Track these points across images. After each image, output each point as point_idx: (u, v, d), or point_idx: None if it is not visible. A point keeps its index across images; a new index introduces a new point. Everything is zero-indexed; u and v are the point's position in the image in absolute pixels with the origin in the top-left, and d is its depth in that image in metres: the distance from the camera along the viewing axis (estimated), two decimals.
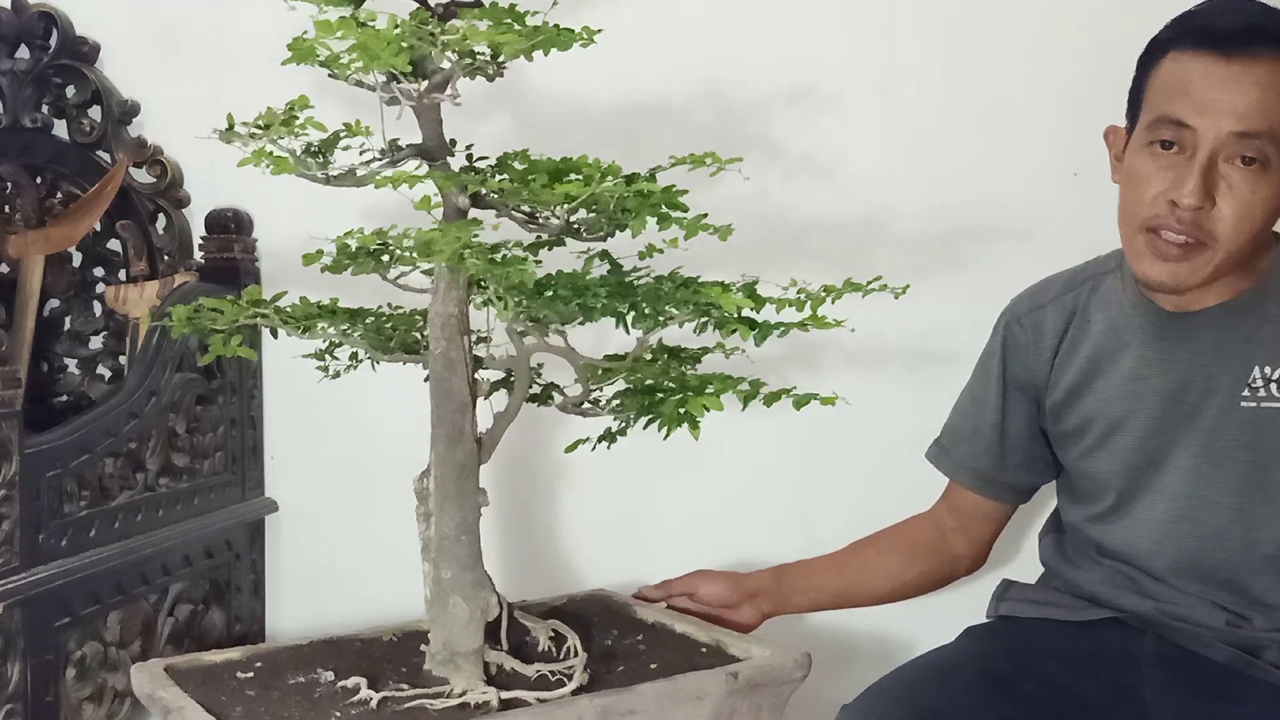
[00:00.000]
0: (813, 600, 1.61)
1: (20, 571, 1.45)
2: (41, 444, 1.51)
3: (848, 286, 1.30)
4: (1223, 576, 1.36)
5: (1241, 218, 1.26)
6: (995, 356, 1.52)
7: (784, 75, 1.84)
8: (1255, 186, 1.26)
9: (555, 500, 1.95)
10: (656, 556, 1.90)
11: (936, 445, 1.59)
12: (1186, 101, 1.27)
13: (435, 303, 1.27)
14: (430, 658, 1.31)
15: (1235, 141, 1.25)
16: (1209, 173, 1.26)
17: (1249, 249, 1.30)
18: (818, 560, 1.62)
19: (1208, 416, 1.36)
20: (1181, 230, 1.27)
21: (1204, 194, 1.26)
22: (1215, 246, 1.27)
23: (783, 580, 1.60)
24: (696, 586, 1.57)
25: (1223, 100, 1.25)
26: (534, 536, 1.95)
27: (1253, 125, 1.24)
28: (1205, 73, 1.26)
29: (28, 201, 1.95)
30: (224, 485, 1.90)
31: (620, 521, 1.94)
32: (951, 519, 1.59)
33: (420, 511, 1.30)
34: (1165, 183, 1.28)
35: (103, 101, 1.97)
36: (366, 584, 1.91)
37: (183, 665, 1.33)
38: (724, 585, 1.57)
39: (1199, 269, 1.29)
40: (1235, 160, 1.26)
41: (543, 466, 1.91)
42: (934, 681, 1.36)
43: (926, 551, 1.58)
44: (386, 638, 1.44)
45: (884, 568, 1.59)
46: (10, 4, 1.98)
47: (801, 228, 1.86)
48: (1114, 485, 1.42)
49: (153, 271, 1.97)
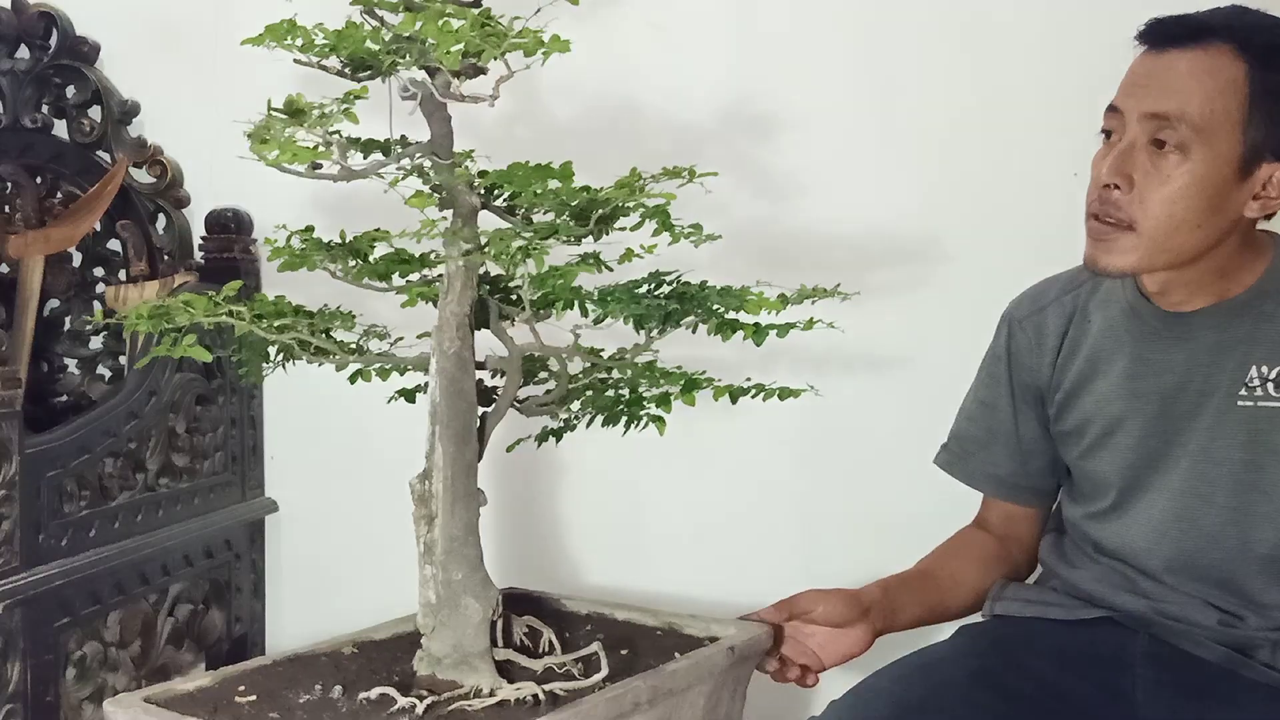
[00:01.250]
0: (914, 616, 1.53)
1: (20, 571, 1.46)
2: (41, 444, 1.51)
3: (802, 294, 1.33)
4: (1218, 576, 1.37)
5: (1159, 202, 1.28)
6: (1001, 361, 1.52)
7: (784, 75, 1.84)
8: (1172, 173, 1.27)
9: (554, 499, 1.95)
10: (652, 557, 1.91)
11: (947, 451, 1.58)
12: (1121, 89, 1.31)
13: (449, 302, 1.27)
14: (433, 661, 1.29)
15: (1148, 122, 1.28)
16: (1126, 154, 1.29)
17: (1184, 243, 1.30)
18: (911, 574, 1.56)
19: (1205, 416, 1.36)
20: (1105, 211, 1.30)
21: (1116, 172, 1.28)
22: (1138, 230, 1.29)
23: (890, 595, 1.52)
24: (815, 606, 1.47)
25: (1143, 84, 1.29)
26: (532, 535, 1.95)
27: (1162, 106, 1.27)
28: (1139, 62, 1.31)
29: (28, 201, 1.95)
30: (224, 485, 1.90)
31: (616, 522, 1.94)
32: (998, 527, 1.58)
33: (420, 514, 1.29)
34: (1100, 168, 1.31)
35: (103, 101, 1.97)
36: (366, 584, 1.90)
37: (160, 697, 1.24)
38: (842, 604, 1.47)
39: (1124, 253, 1.30)
40: (1150, 143, 1.28)
41: (539, 465, 1.92)
42: (922, 677, 1.36)
43: (996, 560, 1.56)
44: (348, 650, 1.41)
45: (971, 579, 1.54)
46: (10, 4, 1.98)
47: (801, 227, 1.86)
48: (1113, 484, 1.42)
49: (153, 271, 1.97)
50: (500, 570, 1.47)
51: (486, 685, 1.26)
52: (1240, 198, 1.29)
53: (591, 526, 1.96)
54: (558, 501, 1.95)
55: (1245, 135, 1.27)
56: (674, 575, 1.88)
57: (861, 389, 1.85)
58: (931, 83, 1.82)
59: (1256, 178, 1.28)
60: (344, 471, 1.97)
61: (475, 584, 1.28)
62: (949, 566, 1.56)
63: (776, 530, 1.87)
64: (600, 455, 1.91)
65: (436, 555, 1.28)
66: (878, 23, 1.84)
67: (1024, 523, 1.57)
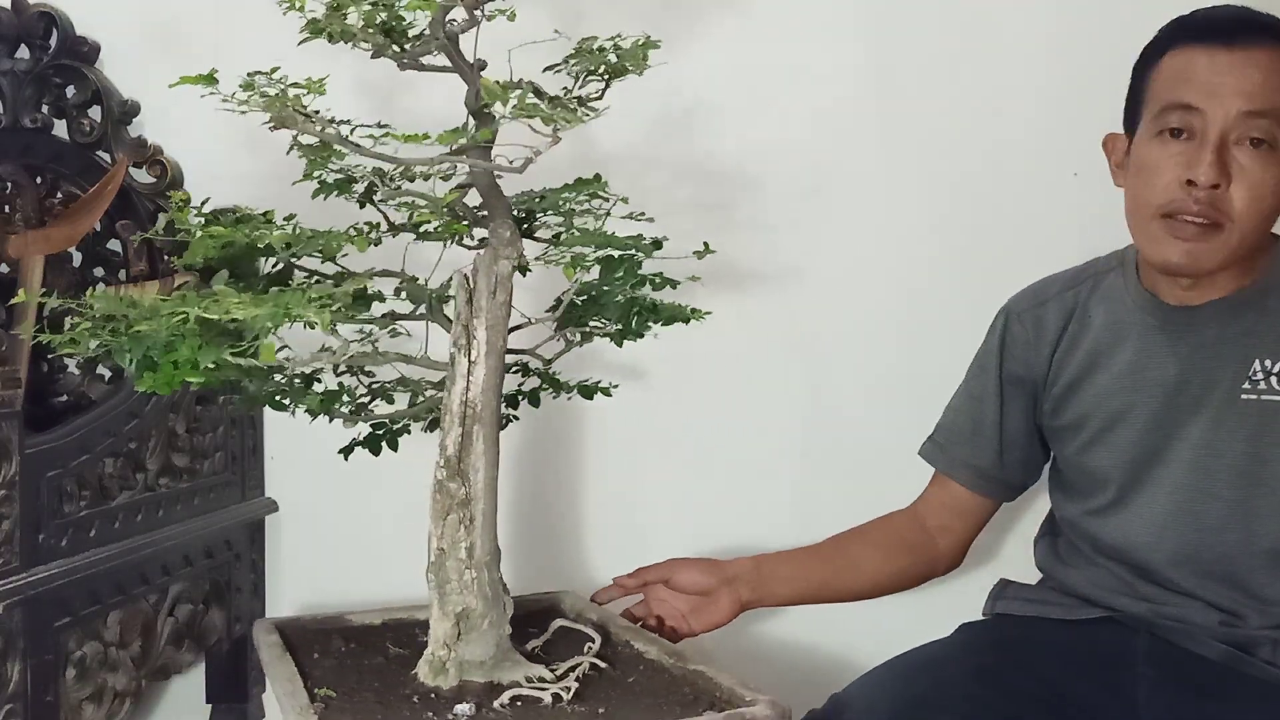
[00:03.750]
0: (794, 590, 1.57)
1: (20, 571, 1.45)
2: (41, 444, 1.51)
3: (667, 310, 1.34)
4: (1221, 570, 1.37)
5: (1255, 198, 1.29)
6: (993, 354, 1.53)
7: (784, 75, 1.84)
8: (1265, 166, 1.29)
9: (553, 499, 1.95)
10: (651, 553, 1.90)
11: (931, 442, 1.59)
12: (1193, 87, 1.30)
13: (493, 305, 1.26)
14: (472, 667, 1.27)
15: (1244, 121, 1.28)
16: (1222, 153, 1.29)
17: (1262, 232, 1.33)
18: (800, 550, 1.60)
19: (1208, 409, 1.36)
20: (1199, 211, 1.30)
21: (1220, 172, 1.28)
22: (1231, 227, 1.30)
23: (762, 568, 1.56)
24: (673, 573, 1.54)
25: (1229, 82, 1.29)
26: (530, 533, 1.95)
27: (1259, 104, 1.28)
28: (1209, 59, 1.30)
29: (28, 201, 1.95)
30: (224, 485, 1.89)
31: (616, 523, 1.94)
32: (936, 517, 1.58)
33: (464, 517, 1.27)
34: (1179, 167, 1.31)
35: (103, 101, 1.97)
36: (366, 584, 1.90)
37: None
38: (701, 572, 1.54)
39: (1217, 250, 1.31)
40: (1245, 142, 1.29)
41: (537, 464, 1.91)
42: (924, 672, 1.36)
43: (908, 547, 1.58)
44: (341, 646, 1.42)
45: (868, 561, 1.57)
46: (10, 4, 1.98)
47: (801, 226, 1.86)
48: (1114, 479, 1.42)
49: (153, 271, 1.96)
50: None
51: (535, 675, 1.27)
52: None
53: (591, 527, 1.96)
54: (557, 502, 1.95)
55: None
56: None
57: (862, 389, 1.85)
58: (932, 83, 1.82)
59: None
60: (344, 471, 1.97)
61: (502, 582, 1.29)
62: (852, 549, 1.57)
63: (775, 526, 1.87)
64: (600, 455, 1.92)
65: (477, 558, 1.26)
66: (878, 23, 1.84)
67: (968, 516, 1.58)
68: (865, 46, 1.84)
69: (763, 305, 1.84)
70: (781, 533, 1.87)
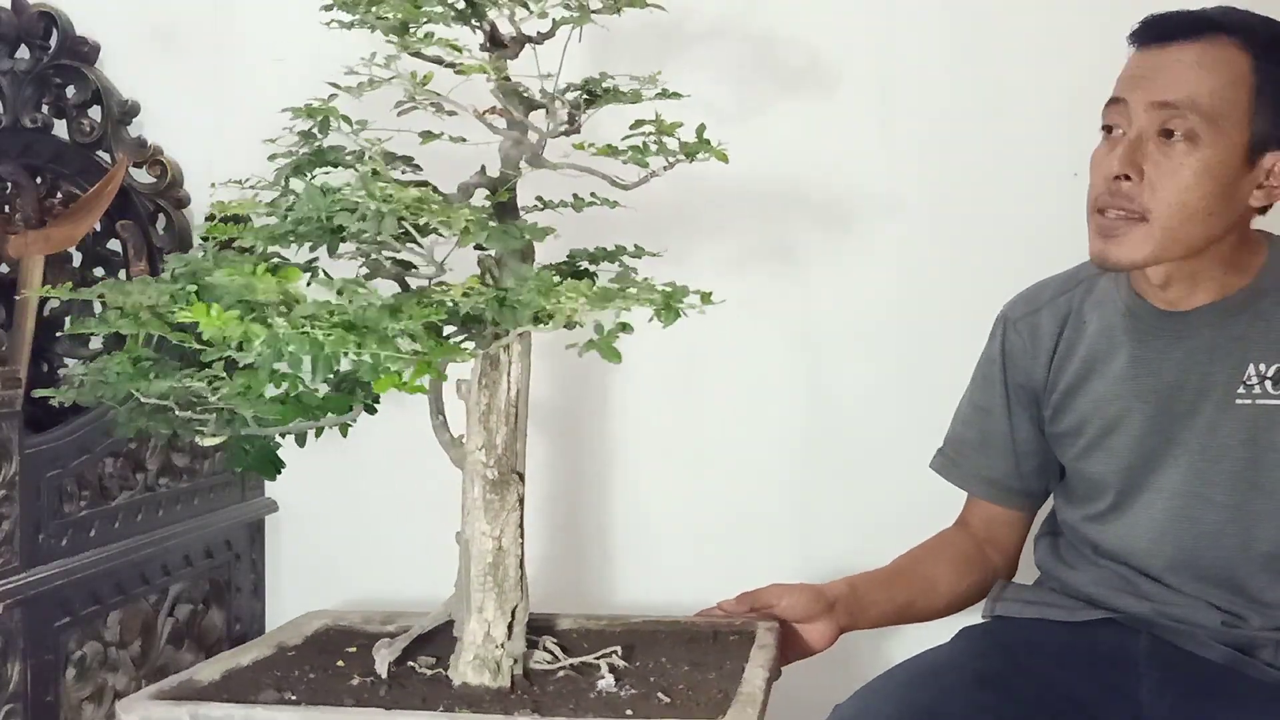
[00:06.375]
0: (882, 614, 1.53)
1: (20, 571, 1.45)
2: (41, 444, 1.51)
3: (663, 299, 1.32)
4: (1220, 575, 1.36)
5: (1172, 190, 1.29)
6: (995, 363, 1.52)
7: (784, 75, 1.84)
8: (1183, 161, 1.28)
9: (553, 499, 1.95)
10: (651, 553, 1.90)
11: (942, 455, 1.58)
12: (1121, 83, 1.33)
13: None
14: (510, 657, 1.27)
15: (1156, 112, 1.29)
16: (1136, 145, 1.30)
17: (1196, 232, 1.31)
18: (884, 572, 1.56)
19: (1204, 414, 1.36)
20: (1115, 204, 1.31)
21: (1128, 163, 1.29)
22: (1151, 220, 1.29)
23: (858, 592, 1.51)
24: (778, 599, 1.48)
25: (1149, 75, 1.30)
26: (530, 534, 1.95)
27: (1171, 95, 1.28)
28: (1140, 57, 1.33)
29: (28, 201, 1.94)
30: (224, 485, 1.90)
31: (614, 522, 1.94)
32: (980, 530, 1.57)
33: (515, 519, 1.28)
34: (1106, 162, 1.32)
35: (103, 101, 1.97)
36: (367, 584, 1.90)
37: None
38: (806, 598, 1.48)
39: (1137, 245, 1.31)
40: (1159, 134, 1.29)
41: (537, 464, 1.91)
42: (928, 680, 1.35)
43: (972, 563, 1.55)
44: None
45: (943, 581, 1.54)
46: (10, 4, 1.98)
47: (799, 226, 1.86)
48: (1112, 485, 1.42)
49: (153, 271, 1.96)
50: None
51: (562, 657, 1.30)
52: (1246, 187, 1.31)
53: (591, 526, 1.95)
54: (557, 501, 1.95)
55: (1252, 125, 1.28)
56: (677, 577, 1.88)
57: (862, 389, 1.85)
58: (932, 83, 1.82)
59: (1260, 167, 1.30)
60: (344, 471, 1.97)
61: None
62: (923, 568, 1.55)
63: (777, 532, 1.87)
64: (600, 455, 1.92)
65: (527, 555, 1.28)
66: (878, 23, 1.84)
67: (1007, 527, 1.56)
68: (865, 47, 1.84)
69: (762, 304, 1.84)
70: (782, 533, 1.87)
